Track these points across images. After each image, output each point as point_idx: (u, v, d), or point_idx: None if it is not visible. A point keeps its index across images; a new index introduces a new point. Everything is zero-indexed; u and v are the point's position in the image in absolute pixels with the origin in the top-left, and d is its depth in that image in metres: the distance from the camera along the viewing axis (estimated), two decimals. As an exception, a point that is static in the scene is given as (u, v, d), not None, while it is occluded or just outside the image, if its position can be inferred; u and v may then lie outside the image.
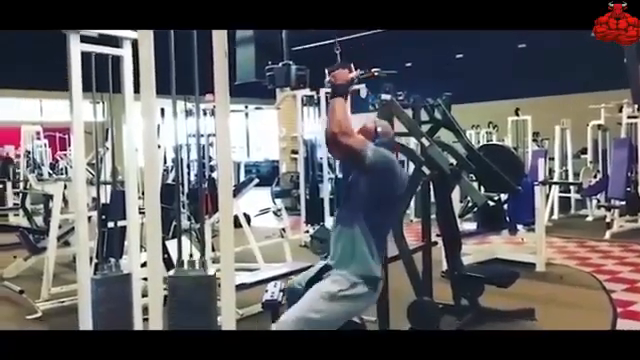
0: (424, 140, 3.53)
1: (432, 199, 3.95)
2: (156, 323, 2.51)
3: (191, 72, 2.44)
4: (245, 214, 6.40)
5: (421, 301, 3.50)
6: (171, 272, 2.44)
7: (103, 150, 4.20)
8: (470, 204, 4.30)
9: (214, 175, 9.48)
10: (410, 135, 3.69)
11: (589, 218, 8.70)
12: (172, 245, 3.95)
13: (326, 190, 7.02)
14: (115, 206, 3.79)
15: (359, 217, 2.62)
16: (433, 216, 4.01)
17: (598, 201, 8.96)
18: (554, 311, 4.16)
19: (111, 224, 3.70)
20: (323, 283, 2.64)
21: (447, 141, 4.01)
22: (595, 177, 8.91)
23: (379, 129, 2.82)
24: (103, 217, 3.74)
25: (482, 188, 4.14)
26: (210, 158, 7.56)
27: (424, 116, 4.02)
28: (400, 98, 3.93)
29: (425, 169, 3.49)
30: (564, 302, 4.47)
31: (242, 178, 13.79)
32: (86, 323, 3.33)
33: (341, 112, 2.53)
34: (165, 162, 6.98)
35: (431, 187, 3.86)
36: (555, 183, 8.53)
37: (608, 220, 7.50)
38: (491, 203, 5.43)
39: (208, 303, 2.37)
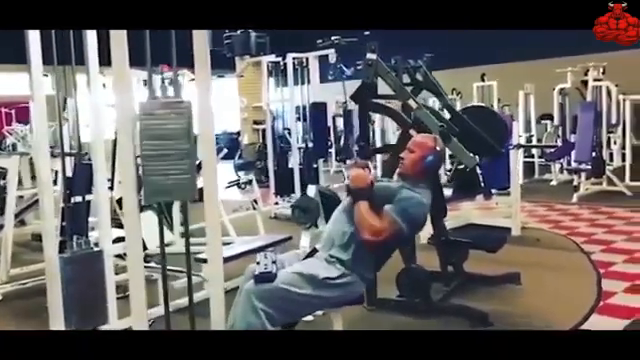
0: (411, 102, 3.39)
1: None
2: (138, 301, 2.36)
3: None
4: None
5: (411, 268, 3.40)
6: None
7: (58, 122, 3.92)
8: (458, 169, 4.20)
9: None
10: (395, 97, 3.53)
11: (553, 182, 8.80)
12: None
13: (295, 160, 6.82)
14: (79, 180, 3.56)
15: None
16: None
17: (561, 165, 9.09)
18: (538, 274, 4.12)
19: (76, 199, 3.46)
20: (310, 264, 2.58)
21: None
22: (556, 142, 9.01)
23: (438, 147, 2.87)
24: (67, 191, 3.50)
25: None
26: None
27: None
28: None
29: (413, 132, 3.34)
30: (546, 265, 4.46)
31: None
32: (56, 304, 3.11)
33: (369, 216, 2.53)
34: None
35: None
36: (531, 146, 8.56)
37: (575, 183, 7.59)
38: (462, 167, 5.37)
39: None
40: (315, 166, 6.83)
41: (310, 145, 6.66)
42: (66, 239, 3.30)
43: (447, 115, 3.84)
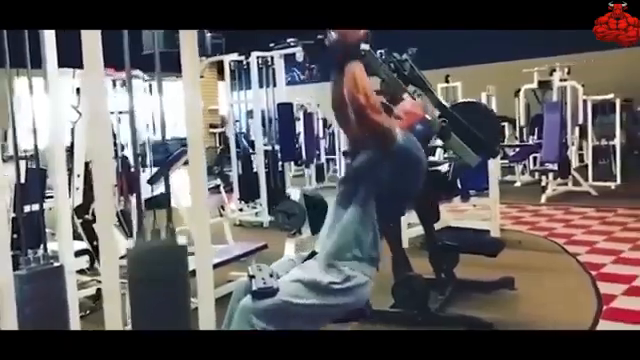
0: (406, 97, 3.13)
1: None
2: (113, 320, 2.07)
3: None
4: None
5: (409, 277, 3.14)
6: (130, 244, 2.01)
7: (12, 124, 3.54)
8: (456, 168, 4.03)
9: (126, 153, 8.67)
10: (388, 92, 3.26)
11: (517, 184, 8.77)
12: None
13: (261, 163, 6.48)
14: (33, 186, 3.18)
15: (369, 207, 2.25)
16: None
17: (524, 166, 9.09)
18: (531, 278, 3.92)
19: (28, 208, 3.08)
20: (310, 269, 2.25)
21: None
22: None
23: (428, 116, 2.57)
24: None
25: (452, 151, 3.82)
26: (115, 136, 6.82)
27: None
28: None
29: (408, 128, 3.09)
30: (536, 268, 4.29)
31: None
32: (10, 328, 2.71)
33: (366, 80, 2.14)
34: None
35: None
36: (509, 146, 8.50)
37: (543, 184, 7.55)
38: (444, 169, 5.18)
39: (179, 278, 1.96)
40: (280, 170, 6.55)
41: (276, 148, 6.35)
42: (19, 254, 2.92)
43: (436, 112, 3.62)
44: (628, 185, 7.66)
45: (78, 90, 4.01)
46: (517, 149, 8.90)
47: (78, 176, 3.89)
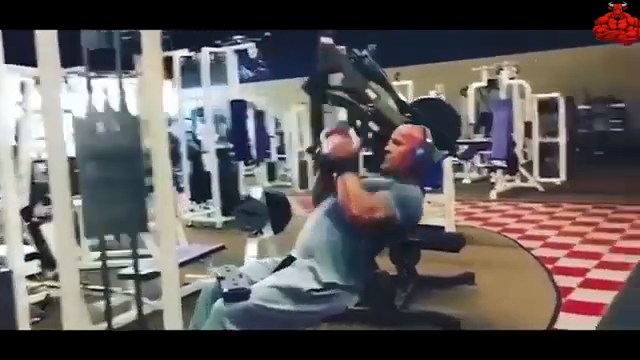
0: (370, 92, 3.11)
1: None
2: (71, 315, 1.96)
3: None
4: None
5: (375, 274, 3.10)
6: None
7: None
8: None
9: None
10: (351, 89, 3.22)
11: (466, 181, 8.92)
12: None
13: (214, 162, 6.33)
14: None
15: (363, 246, 2.34)
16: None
17: (472, 164, 9.26)
18: (489, 273, 3.96)
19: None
20: (291, 275, 2.21)
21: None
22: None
23: (428, 139, 2.58)
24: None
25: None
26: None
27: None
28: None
29: (373, 125, 3.07)
30: (493, 263, 4.33)
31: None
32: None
33: (356, 190, 2.18)
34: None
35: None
36: (463, 143, 8.59)
37: (493, 180, 7.71)
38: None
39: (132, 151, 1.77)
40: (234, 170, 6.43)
41: (229, 146, 6.23)
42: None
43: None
44: (572, 181, 7.90)
45: (22, 86, 3.80)
46: (466, 146, 9.04)
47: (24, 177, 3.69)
